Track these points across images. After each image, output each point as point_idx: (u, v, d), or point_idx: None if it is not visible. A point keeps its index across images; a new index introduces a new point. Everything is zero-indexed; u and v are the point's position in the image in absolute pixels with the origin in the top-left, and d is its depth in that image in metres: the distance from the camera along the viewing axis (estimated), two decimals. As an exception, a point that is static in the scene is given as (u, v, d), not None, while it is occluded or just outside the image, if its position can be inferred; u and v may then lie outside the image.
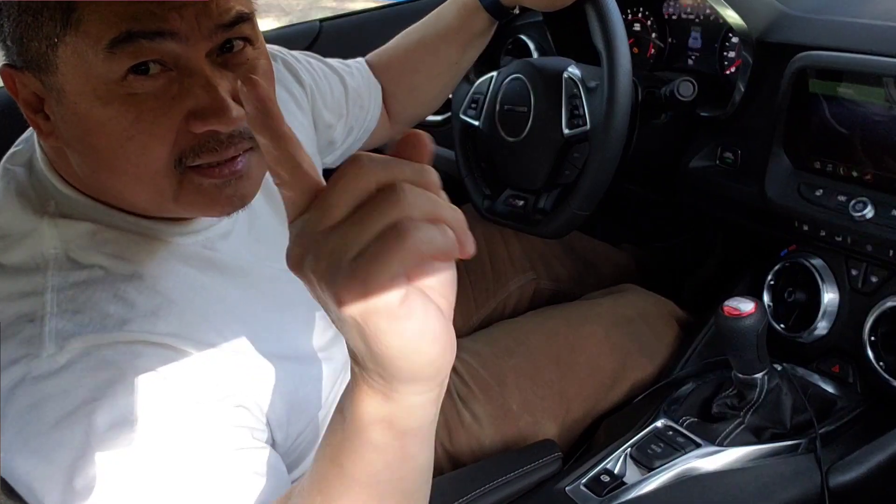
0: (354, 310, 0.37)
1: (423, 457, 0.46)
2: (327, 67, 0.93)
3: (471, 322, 1.18)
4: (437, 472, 0.71)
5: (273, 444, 0.65)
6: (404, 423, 0.43)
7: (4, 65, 0.55)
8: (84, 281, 0.57)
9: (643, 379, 1.01)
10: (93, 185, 0.60)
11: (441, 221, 0.37)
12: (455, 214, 0.38)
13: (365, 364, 0.40)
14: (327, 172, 0.91)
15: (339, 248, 0.36)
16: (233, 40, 0.57)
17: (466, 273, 1.20)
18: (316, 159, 0.87)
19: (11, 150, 0.66)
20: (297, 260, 0.38)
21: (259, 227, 0.72)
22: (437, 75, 1.02)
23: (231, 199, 0.59)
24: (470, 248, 0.38)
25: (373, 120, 0.99)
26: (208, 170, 0.57)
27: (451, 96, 1.17)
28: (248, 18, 0.57)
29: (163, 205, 0.59)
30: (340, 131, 0.94)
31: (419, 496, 0.48)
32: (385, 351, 0.38)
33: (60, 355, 0.53)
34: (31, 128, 0.65)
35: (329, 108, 0.90)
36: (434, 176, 0.39)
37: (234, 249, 0.68)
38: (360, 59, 1.02)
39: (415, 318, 0.38)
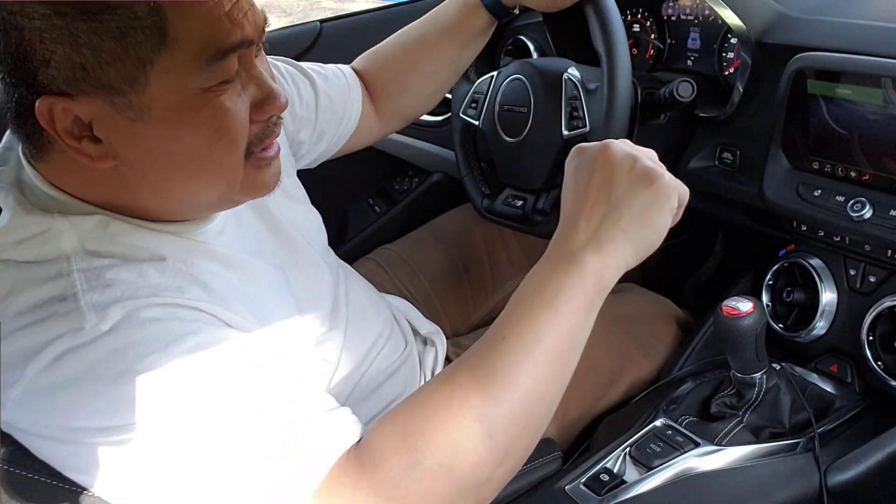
0: (658, 181, 0.64)
1: (594, 318, 0.63)
2: (297, 71, 0.94)
3: (469, 321, 1.18)
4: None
5: None
6: (607, 279, 0.62)
7: (44, 95, 0.54)
8: (107, 266, 0.58)
9: (642, 378, 1.01)
10: (139, 200, 0.62)
11: None
12: None
13: (617, 223, 0.63)
14: (302, 173, 0.92)
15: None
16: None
17: (465, 272, 1.21)
18: (288, 160, 0.88)
19: None
20: (632, 148, 0.66)
21: (245, 227, 0.75)
22: (434, 73, 1.02)
23: (275, 177, 0.67)
24: None
25: (349, 125, 0.99)
26: (261, 154, 0.64)
27: (450, 96, 1.17)
28: None
29: (228, 196, 0.64)
30: (308, 134, 0.94)
31: (579, 353, 0.62)
32: (649, 218, 0.64)
33: (104, 323, 0.55)
34: None
35: (296, 111, 0.91)
36: None
37: (230, 244, 0.70)
38: (343, 66, 1.01)
39: (672, 213, 0.66)
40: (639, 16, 1.20)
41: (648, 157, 0.66)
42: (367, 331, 0.84)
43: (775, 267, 0.99)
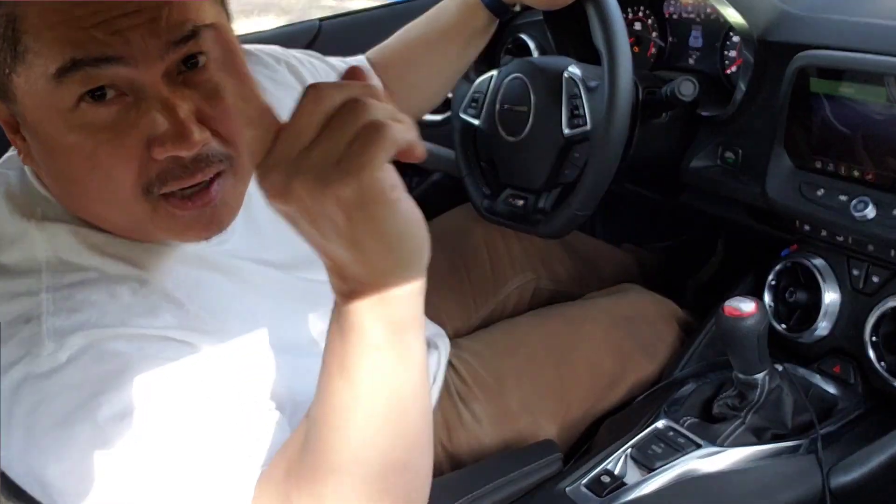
0: (354, 204, 0.40)
1: (421, 356, 0.49)
2: (328, 67, 0.93)
3: (470, 322, 1.18)
4: (437, 472, 0.71)
5: None
6: (399, 314, 0.46)
7: None
8: (80, 282, 0.57)
9: (643, 379, 1.01)
10: (71, 206, 0.60)
11: (399, 123, 0.41)
12: (406, 119, 0.42)
13: (364, 264, 0.43)
14: None
15: (325, 155, 0.39)
16: (196, 56, 0.55)
17: (466, 273, 1.20)
18: None
19: (7, 154, 0.66)
20: (282, 187, 0.40)
21: (255, 218, 0.72)
22: (437, 73, 1.02)
23: (208, 227, 0.59)
24: (421, 150, 0.43)
25: None
26: (181, 202, 0.56)
27: (450, 95, 1.17)
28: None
29: (141, 228, 0.58)
30: None
31: (422, 414, 0.51)
32: (387, 236, 0.42)
33: (61, 352, 0.52)
34: None
35: None
36: (381, 91, 0.42)
37: (230, 251, 0.68)
38: (361, 57, 1.01)
39: (404, 201, 0.43)
40: (640, 14, 1.20)
41: (315, 167, 0.40)
42: None
43: (778, 267, 0.98)
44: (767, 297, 0.99)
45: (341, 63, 0.96)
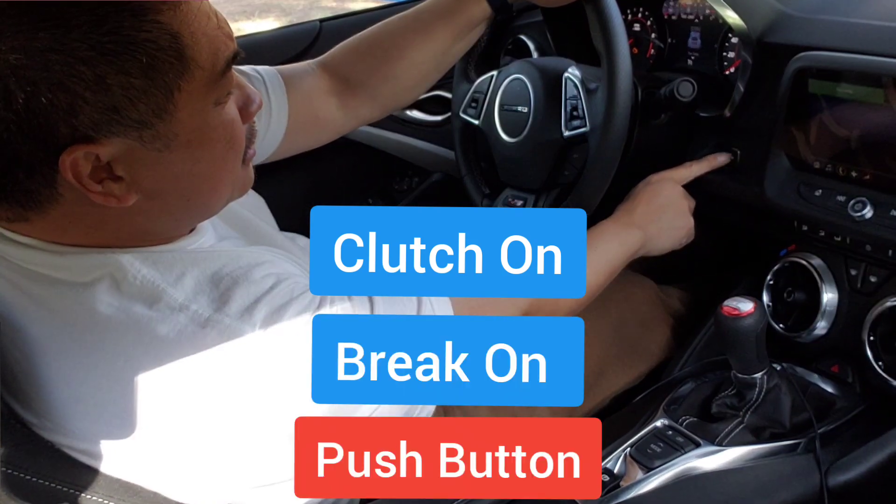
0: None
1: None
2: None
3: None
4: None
5: None
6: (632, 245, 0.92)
7: (70, 147, 0.52)
8: (207, 280, 0.62)
9: (630, 364, 1.02)
10: (152, 227, 0.62)
11: None
12: None
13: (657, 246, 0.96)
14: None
15: None
16: None
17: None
18: None
19: None
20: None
21: (221, 234, 0.75)
22: (420, 63, 0.97)
23: (251, 183, 0.69)
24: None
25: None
26: (246, 164, 0.67)
27: (450, 96, 1.17)
28: None
29: (229, 199, 0.66)
30: None
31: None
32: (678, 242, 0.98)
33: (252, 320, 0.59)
34: None
35: None
36: None
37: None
38: (261, 69, 0.93)
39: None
40: (639, 15, 1.20)
41: (690, 206, 0.98)
42: None
43: (776, 267, 0.99)
44: (766, 297, 0.99)
45: (252, 71, 0.91)
